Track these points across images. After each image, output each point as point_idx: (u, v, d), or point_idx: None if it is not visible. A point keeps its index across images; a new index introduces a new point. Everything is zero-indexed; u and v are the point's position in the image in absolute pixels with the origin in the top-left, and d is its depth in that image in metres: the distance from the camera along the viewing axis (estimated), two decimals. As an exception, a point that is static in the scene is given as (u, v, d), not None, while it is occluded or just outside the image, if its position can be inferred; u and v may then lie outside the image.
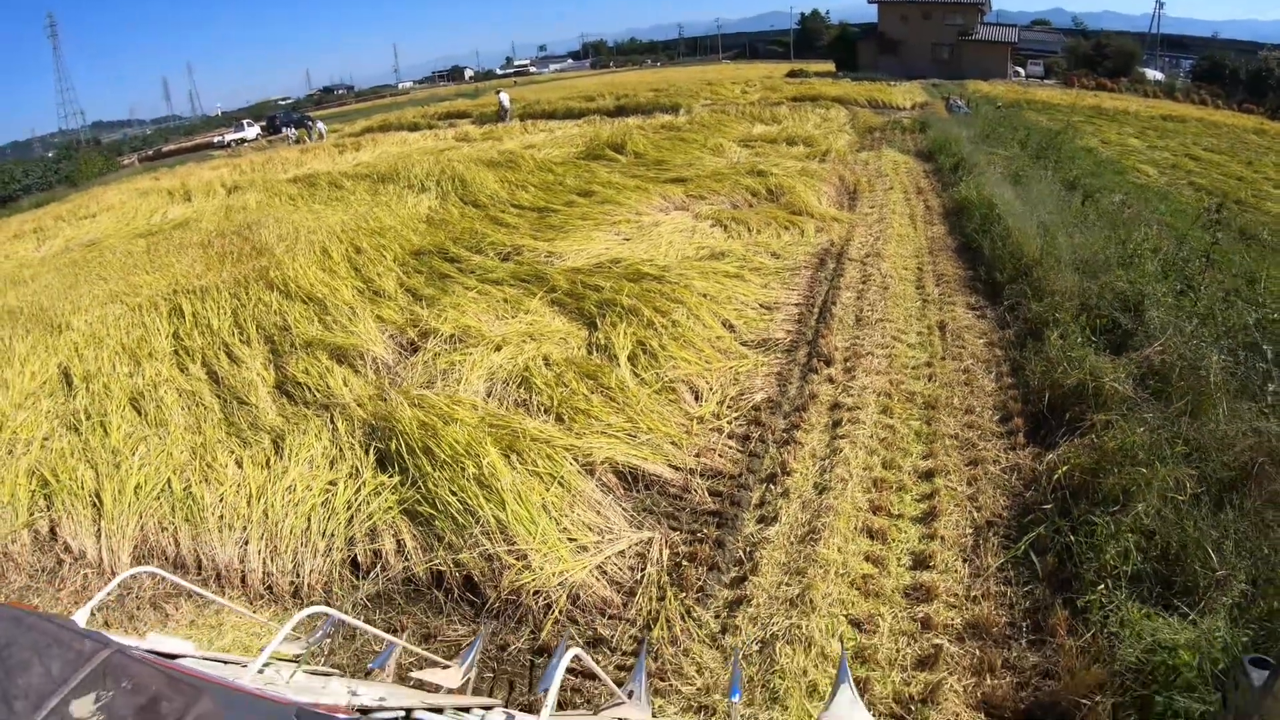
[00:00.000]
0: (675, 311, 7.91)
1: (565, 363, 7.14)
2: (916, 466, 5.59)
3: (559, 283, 9.19)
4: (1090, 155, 17.17)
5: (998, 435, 5.93)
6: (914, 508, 5.18)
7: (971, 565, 4.63)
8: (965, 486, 5.32)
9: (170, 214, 19.55)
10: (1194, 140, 22.20)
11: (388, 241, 11.50)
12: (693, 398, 6.72)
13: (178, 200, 21.41)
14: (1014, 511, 5.06)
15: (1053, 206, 10.35)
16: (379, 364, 7.89)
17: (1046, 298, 7.45)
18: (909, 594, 4.47)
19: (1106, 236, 8.85)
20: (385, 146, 27.21)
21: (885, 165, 16.27)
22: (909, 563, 4.72)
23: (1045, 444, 5.66)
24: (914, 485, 5.39)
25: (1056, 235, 8.76)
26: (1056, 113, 27.28)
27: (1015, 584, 4.45)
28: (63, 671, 1.43)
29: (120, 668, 1.47)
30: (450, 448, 5.70)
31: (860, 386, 6.68)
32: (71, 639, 1.52)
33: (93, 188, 32.58)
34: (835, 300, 8.68)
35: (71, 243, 18.23)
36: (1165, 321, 6.39)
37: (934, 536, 4.85)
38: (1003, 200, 10.64)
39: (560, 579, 4.69)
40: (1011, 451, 5.68)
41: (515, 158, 17.94)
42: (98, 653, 1.48)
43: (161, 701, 1.42)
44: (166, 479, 6.29)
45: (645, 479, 5.71)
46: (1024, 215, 9.79)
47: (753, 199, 12.87)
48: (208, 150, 46.22)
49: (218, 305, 9.52)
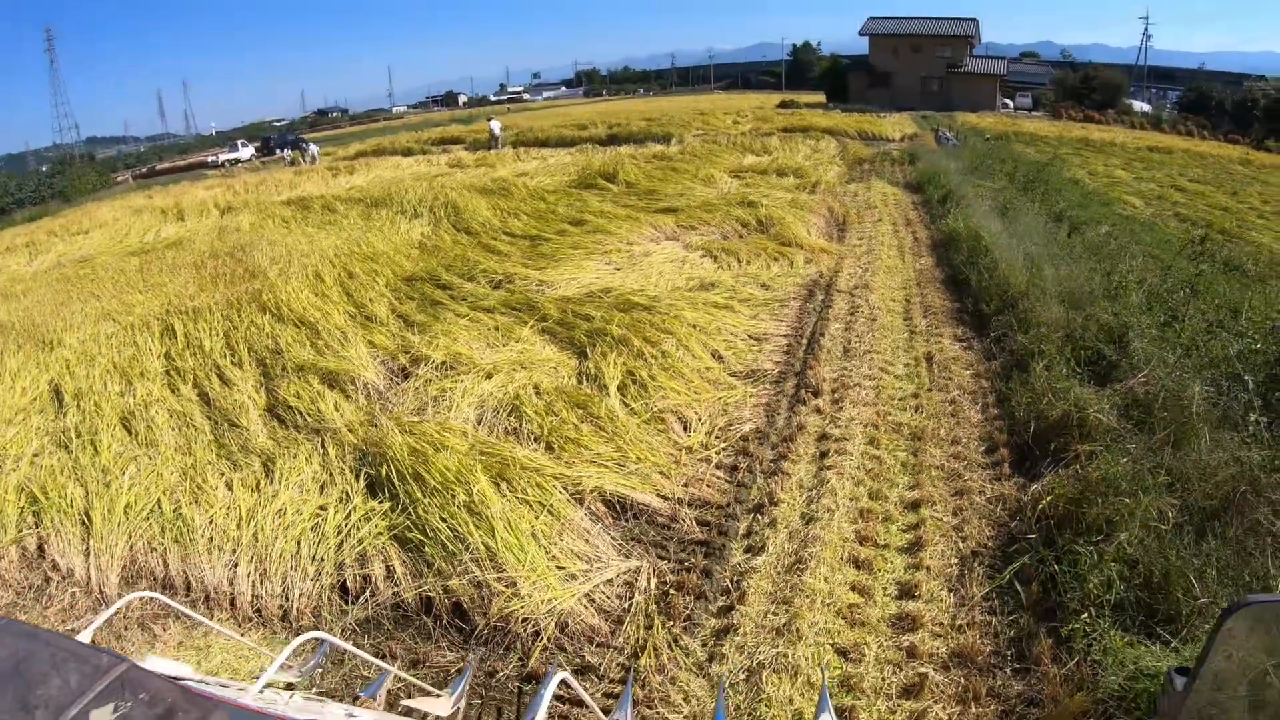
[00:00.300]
0: (665, 342, 8.00)
1: (555, 392, 7.20)
2: (903, 497, 5.67)
3: (550, 311, 9.27)
4: (1077, 187, 17.47)
5: (983, 466, 6.02)
6: (900, 538, 5.25)
7: (957, 595, 4.70)
8: (951, 517, 5.40)
9: (163, 233, 19.60)
10: (1180, 171, 22.58)
11: (380, 267, 11.58)
12: (681, 428, 6.79)
13: (171, 219, 21.45)
14: (999, 541, 5.13)
15: (1039, 238, 10.55)
16: (370, 389, 7.94)
17: (1032, 329, 7.58)
18: (895, 623, 4.53)
19: (1092, 268, 9.02)
20: (379, 171, 27.40)
21: (874, 197, 16.53)
22: (895, 592, 4.78)
23: (1030, 475, 5.76)
24: (900, 515, 5.47)
25: (1043, 267, 8.92)
26: (1044, 145, 27.77)
27: (1000, 613, 4.52)
28: (81, 684, 1.47)
29: (137, 681, 1.51)
30: (441, 475, 5.74)
31: (848, 418, 6.78)
32: (88, 654, 1.57)
33: (86, 203, 32.60)
34: (823, 332, 8.80)
35: (64, 258, 18.23)
36: (1149, 353, 6.52)
37: (920, 566, 4.92)
38: (990, 232, 10.84)
39: (549, 607, 4.73)
40: (997, 482, 5.77)
41: (508, 185, 18.11)
42: (115, 667, 1.53)
43: (177, 713, 1.47)
44: (156, 499, 6.29)
45: (634, 508, 5.76)
46: (1011, 247, 9.97)
47: (743, 230, 13.04)
48: (202, 169, 46.29)
49: (210, 326, 9.55)
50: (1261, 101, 45.57)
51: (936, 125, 33.62)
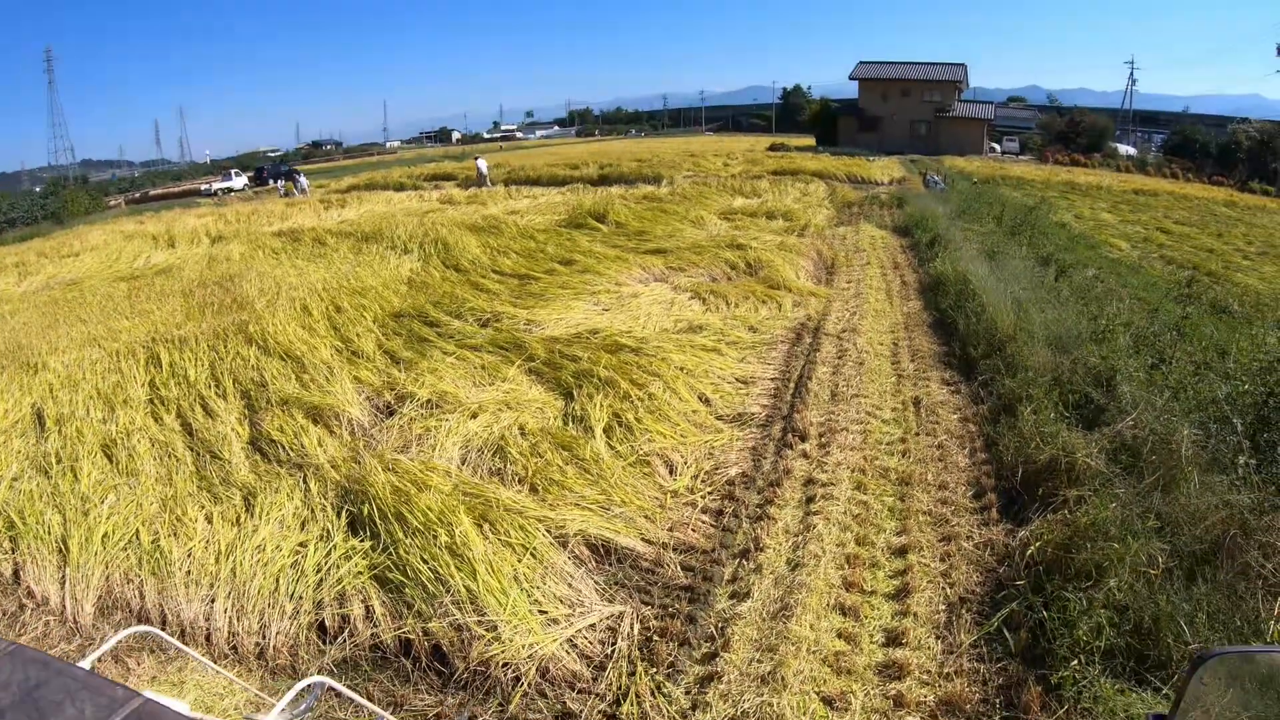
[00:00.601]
0: (652, 384, 8.00)
1: (541, 433, 7.17)
2: (890, 543, 5.65)
3: (537, 351, 9.27)
4: (1064, 230, 17.72)
5: (971, 511, 6.02)
6: (887, 584, 5.22)
7: (945, 641, 4.66)
8: (938, 562, 5.38)
9: (153, 259, 19.58)
10: (1165, 213, 22.94)
11: (368, 302, 11.58)
12: (667, 471, 6.76)
13: (161, 246, 21.44)
14: (987, 587, 5.11)
15: (1027, 282, 10.66)
16: (355, 425, 7.88)
17: (1020, 373, 7.62)
18: (882, 671, 4.48)
19: (1079, 312, 9.10)
20: (370, 205, 27.53)
21: (863, 240, 16.72)
22: (882, 639, 4.74)
23: (1018, 520, 5.75)
24: (887, 561, 5.44)
25: (1030, 311, 9.01)
26: (1031, 188, 28.22)
27: (989, 660, 4.48)
28: (96, 714, 1.45)
29: (152, 715, 1.50)
30: (423, 515, 5.67)
31: (835, 462, 6.78)
32: (103, 686, 1.56)
33: (78, 226, 32.57)
34: (811, 375, 8.83)
35: (53, 280, 18.17)
36: (1137, 396, 6.55)
37: (907, 613, 4.89)
38: (977, 276, 10.96)
39: (530, 651, 4.65)
40: (985, 527, 5.76)
41: (498, 223, 18.22)
42: (130, 700, 1.51)
43: None
44: (135, 530, 6.20)
45: (618, 552, 5.71)
46: (998, 291, 10.07)
47: (731, 272, 13.15)
48: (194, 197, 46.42)
49: (195, 356, 9.50)
50: (1245, 144, 46.55)
51: (925, 169, 34.14)
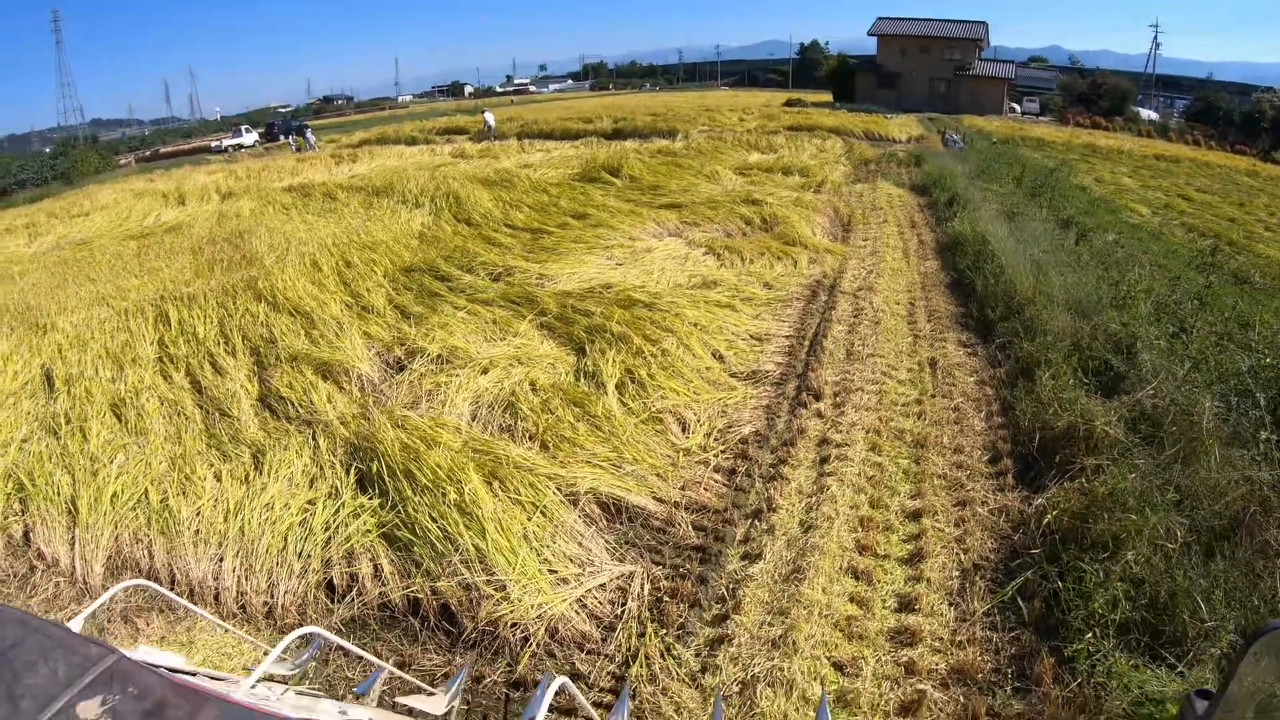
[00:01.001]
0: (665, 340, 7.87)
1: (552, 389, 7.08)
2: (904, 506, 5.55)
3: (549, 306, 9.15)
4: (1084, 193, 17.31)
5: (987, 476, 5.90)
6: (901, 548, 5.13)
7: (957, 609, 4.58)
8: (953, 528, 5.28)
9: (163, 217, 19.45)
10: (1187, 180, 22.41)
11: (378, 257, 11.45)
12: (680, 429, 6.66)
13: (171, 203, 21.30)
14: (1002, 554, 5.01)
15: (1047, 245, 10.39)
16: (364, 381, 7.81)
17: (1039, 337, 7.45)
18: (893, 637, 4.41)
19: (1100, 277, 8.87)
20: (382, 159, 27.24)
21: (880, 198, 16.36)
22: (894, 605, 4.66)
23: (1034, 486, 5.63)
24: (901, 525, 5.34)
25: (1050, 274, 8.78)
26: (1052, 150, 27.59)
27: (1001, 629, 4.40)
28: (69, 674, 1.45)
29: (126, 674, 1.49)
30: (432, 472, 5.62)
31: (849, 423, 6.65)
32: (77, 644, 1.55)
33: (88, 185, 32.43)
34: (826, 333, 8.67)
35: (63, 240, 18.10)
36: (1158, 365, 6.38)
37: (920, 578, 4.80)
38: (996, 237, 10.69)
39: (539, 611, 4.61)
40: (1000, 493, 5.65)
41: (511, 177, 17.96)
42: (104, 658, 1.51)
43: (167, 708, 1.44)
44: (144, 489, 6.19)
45: (629, 511, 5.64)
46: (1017, 253, 9.82)
47: (747, 228, 12.90)
48: (204, 154, 46.12)
49: (204, 314, 9.43)
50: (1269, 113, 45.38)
51: (943, 128, 33.39)
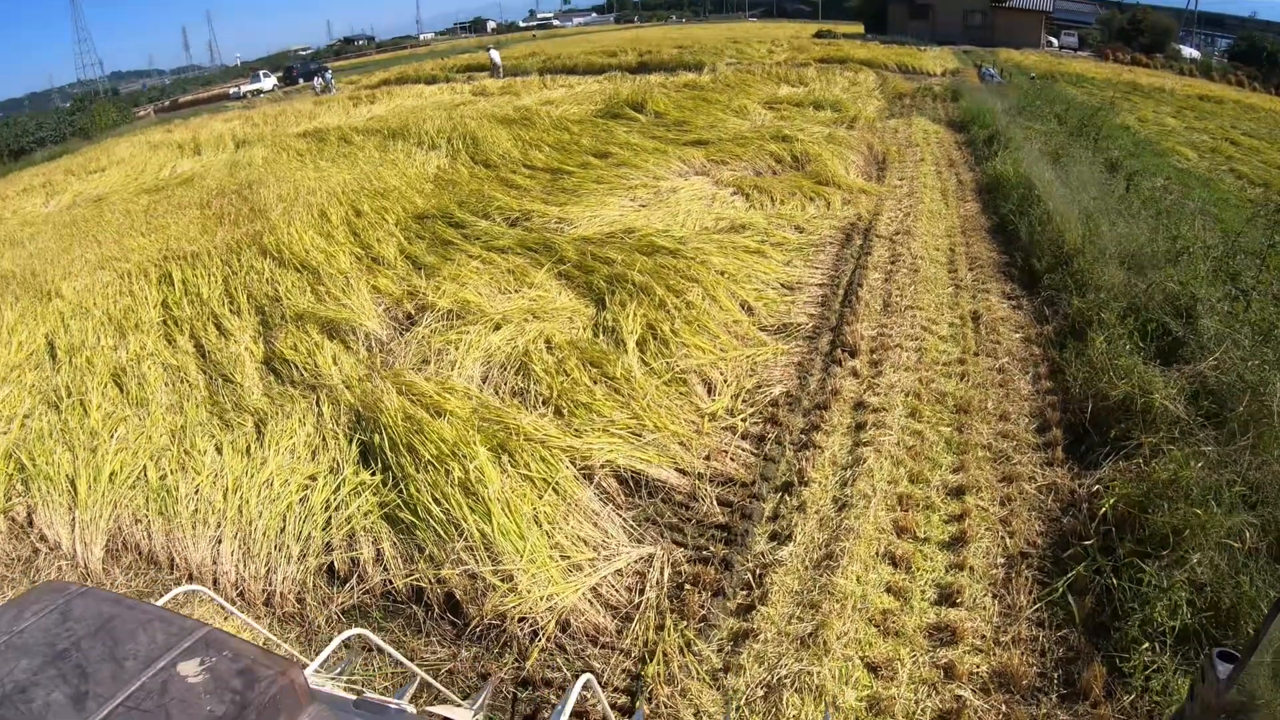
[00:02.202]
0: (690, 291, 7.38)
1: (568, 346, 6.66)
2: (946, 481, 5.07)
3: (568, 253, 8.67)
4: (1128, 134, 16.20)
5: (1034, 448, 5.39)
6: (942, 530, 4.69)
7: (1002, 602, 4.15)
8: (998, 507, 4.81)
9: (179, 168, 19.12)
10: (1232, 124, 21.05)
11: (390, 204, 10.99)
12: (705, 390, 6.22)
13: (187, 154, 20.93)
14: (1050, 539, 4.55)
15: (1095, 190, 9.52)
16: (372, 340, 7.46)
17: (1089, 293, 6.80)
18: (932, 634, 4.01)
19: (1152, 227, 8.10)
20: (401, 100, 26.54)
21: (915, 134, 15.40)
22: (934, 596, 4.24)
23: (1086, 462, 5.12)
24: (942, 504, 4.88)
25: (1099, 223, 8.04)
26: (1092, 86, 26.17)
27: (1049, 626, 3.98)
28: (167, 641, 1.57)
29: (219, 641, 1.60)
30: (436, 446, 5.26)
31: (887, 384, 6.14)
32: (171, 617, 1.68)
33: (105, 140, 32.00)
34: (862, 282, 8.09)
35: (79, 198, 17.81)
36: (1221, 333, 5.71)
37: (962, 566, 4.37)
38: (1042, 180, 9.86)
39: (549, 603, 4.27)
40: (1049, 468, 5.15)
41: (531, 115, 17.26)
42: (197, 628, 1.62)
43: (259, 667, 1.54)
44: (143, 466, 5.94)
45: (649, 485, 5.25)
46: (1065, 198, 9.03)
47: (777, 166, 12.19)
48: (224, 101, 45.47)
49: (208, 273, 9.10)
50: (1315, 56, 42.55)
51: (979, 61, 31.59)
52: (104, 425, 6.52)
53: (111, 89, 67.46)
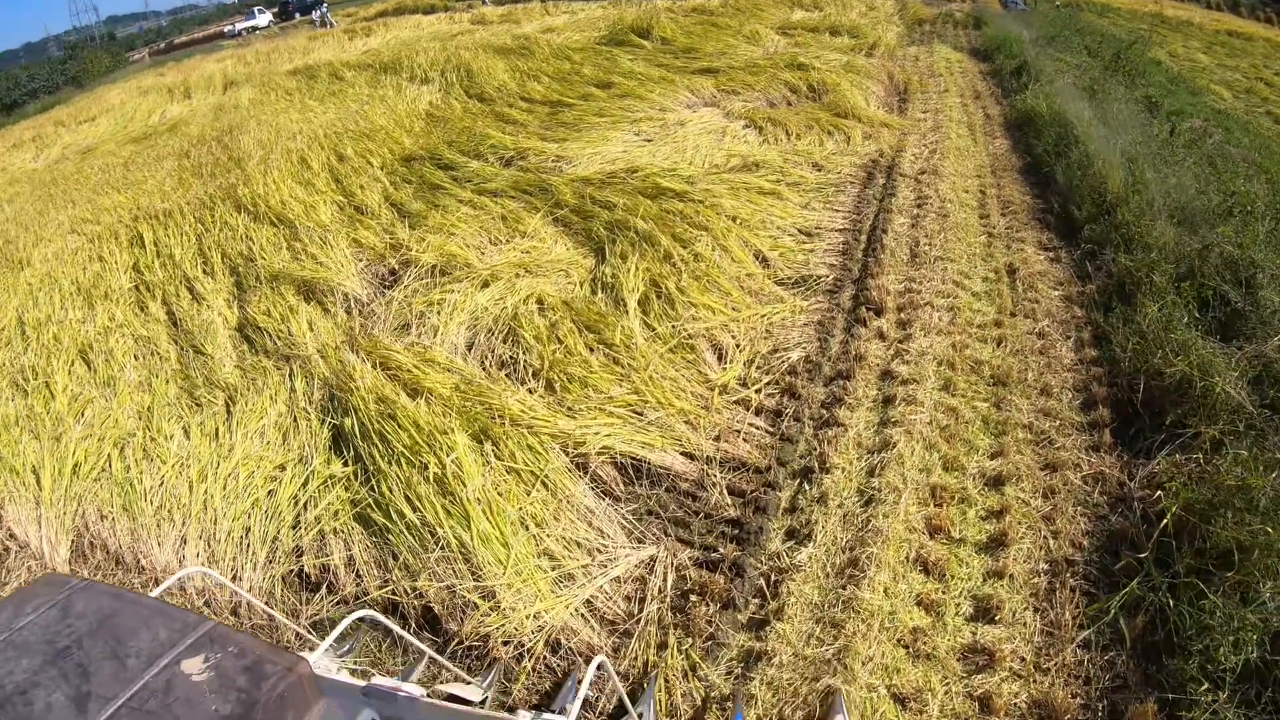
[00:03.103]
0: (698, 241, 6.74)
1: (563, 307, 6.08)
2: (983, 469, 4.50)
3: (565, 197, 8.02)
4: (1161, 69, 15.03)
5: (1079, 429, 4.78)
6: (978, 529, 4.14)
7: (1044, 618, 3.64)
8: (1040, 501, 4.25)
9: (169, 113, 18.46)
10: (1264, 63, 19.72)
11: (377, 146, 10.28)
12: (715, 357, 5.63)
13: (178, 98, 20.12)
14: (1098, 541, 4.01)
15: (1137, 133, 8.56)
16: (351, 301, 6.91)
17: (1138, 251, 6.06)
18: (966, 657, 3.51)
19: (1201, 177, 7.21)
20: (397, 32, 25.36)
21: (938, 63, 14.28)
22: (969, 610, 3.73)
23: (1136, 449, 4.53)
24: (980, 496, 4.32)
25: (1144, 169, 7.22)
26: (1117, 17, 24.80)
27: (1094, 648, 3.48)
28: (171, 637, 1.51)
29: (224, 636, 1.55)
30: (410, 435, 4.73)
31: (918, 350, 5.50)
32: (175, 612, 1.66)
33: (98, 88, 30.95)
34: (886, 227, 7.37)
35: (68, 150, 17.13)
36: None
37: (1001, 574, 3.84)
38: (1081, 119, 8.90)
39: (537, 622, 3.79)
40: (1095, 454, 4.56)
41: (530, 44, 16.26)
42: (201, 624, 1.57)
43: (265, 664, 1.48)
44: (108, 456, 5.50)
45: (651, 473, 4.71)
46: (1105, 140, 8.12)
47: (792, 96, 11.28)
48: (219, 40, 43.95)
49: (181, 232, 8.53)
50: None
51: (1001, -15, 29.65)
52: (70, 409, 6.09)
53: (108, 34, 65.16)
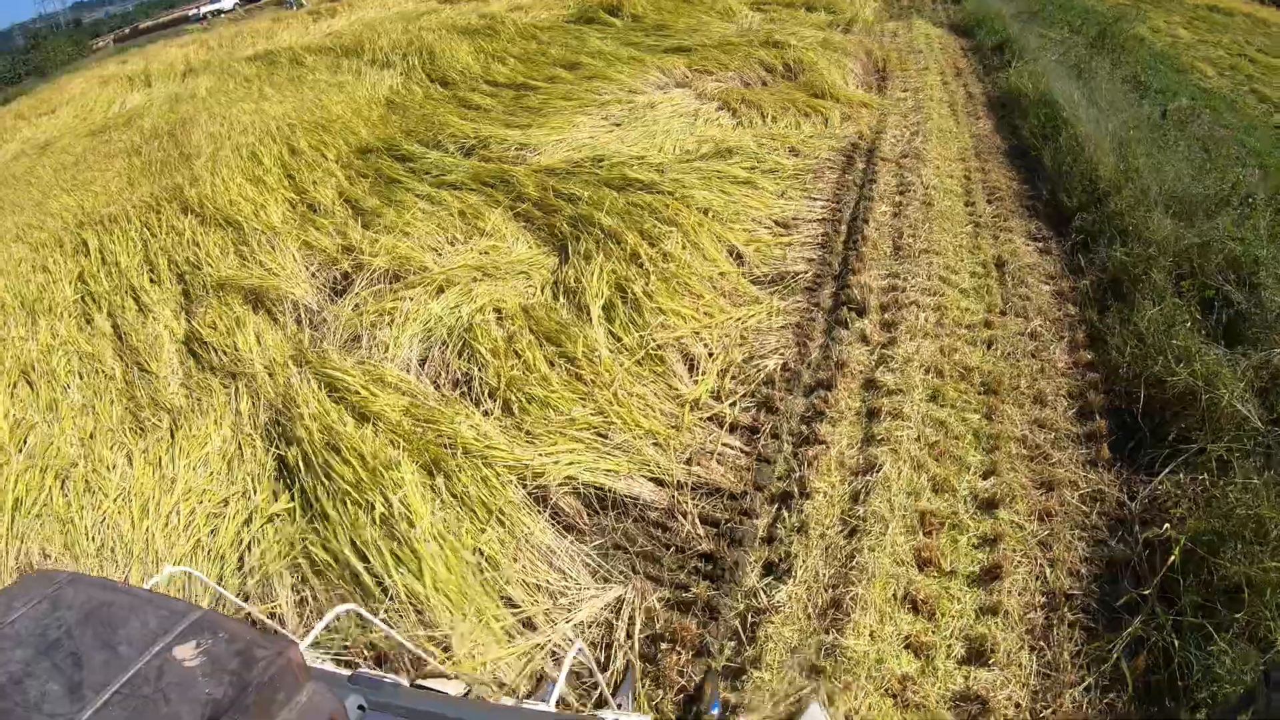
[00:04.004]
0: (668, 238, 6.37)
1: (522, 315, 5.71)
2: (975, 490, 4.20)
3: (527, 189, 7.62)
4: (1144, 46, 14.68)
5: (1075, 441, 4.48)
6: (971, 559, 3.85)
7: (1041, 658, 3.37)
8: (1036, 524, 3.96)
9: (129, 103, 17.88)
10: (1246, 39, 19.38)
11: (332, 138, 9.79)
12: (686, 369, 5.28)
13: (138, 87, 19.41)
14: (1096, 569, 3.74)
15: (1128, 114, 8.15)
16: (301, 310, 6.52)
17: (1134, 244, 5.72)
18: (959, 704, 3.24)
19: (1195, 164, 6.83)
20: (363, 11, 24.51)
21: (917, 39, 13.82)
22: (961, 652, 3.45)
23: (1136, 465, 4.25)
24: (972, 522, 4.02)
25: (1136, 154, 6.86)
26: None
27: (1094, 688, 3.21)
28: (161, 625, 1.51)
29: (215, 623, 1.54)
30: (355, 468, 4.37)
31: (903, 356, 5.15)
32: (165, 601, 1.61)
33: (61, 77, 29.92)
34: (867, 217, 7.02)
35: (28, 145, 16.49)
36: None
37: (995, 610, 3.56)
38: (1069, 101, 8.50)
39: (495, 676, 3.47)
40: (1093, 469, 4.27)
41: (496, 23, 15.68)
42: (191, 611, 1.56)
43: (256, 650, 1.48)
44: (49, 489, 5.12)
45: (618, 503, 4.38)
46: (1094, 123, 7.73)
47: (767, 75, 10.84)
48: (184, 25, 42.65)
49: (126, 237, 8.07)
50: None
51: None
52: (11, 436, 5.69)
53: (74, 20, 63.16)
